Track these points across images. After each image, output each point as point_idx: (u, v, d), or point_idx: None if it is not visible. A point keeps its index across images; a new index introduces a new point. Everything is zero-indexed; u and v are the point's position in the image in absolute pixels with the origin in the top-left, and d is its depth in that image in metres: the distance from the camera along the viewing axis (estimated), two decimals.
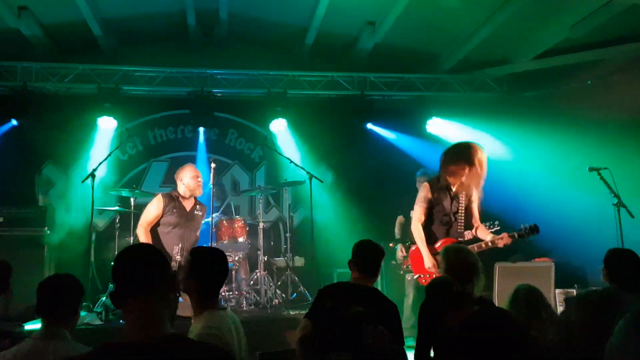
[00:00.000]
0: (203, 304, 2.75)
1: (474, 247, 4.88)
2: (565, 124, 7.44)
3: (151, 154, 8.63)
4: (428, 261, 5.00)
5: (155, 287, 1.77)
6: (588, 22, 6.87)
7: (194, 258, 2.85)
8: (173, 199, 5.69)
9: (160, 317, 1.75)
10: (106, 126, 7.98)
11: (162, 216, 5.61)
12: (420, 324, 3.24)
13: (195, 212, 5.76)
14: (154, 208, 5.69)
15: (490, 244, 4.89)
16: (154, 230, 5.81)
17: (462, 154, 5.01)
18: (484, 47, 7.84)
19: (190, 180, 5.71)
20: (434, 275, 4.95)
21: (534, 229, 4.86)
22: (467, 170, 4.97)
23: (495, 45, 7.92)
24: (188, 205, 5.70)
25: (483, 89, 8.87)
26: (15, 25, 7.13)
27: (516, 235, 4.86)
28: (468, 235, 5.16)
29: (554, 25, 7.19)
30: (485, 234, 5.02)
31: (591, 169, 5.63)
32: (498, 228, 5.08)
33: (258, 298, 6.61)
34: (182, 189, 5.86)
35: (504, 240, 4.85)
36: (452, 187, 5.15)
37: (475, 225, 5.17)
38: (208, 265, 2.80)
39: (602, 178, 5.60)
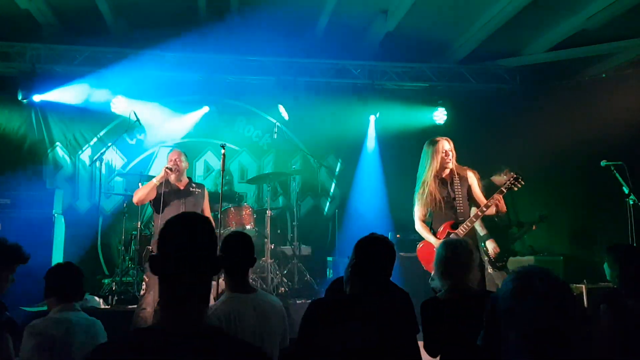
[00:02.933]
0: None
1: (472, 219, 4.86)
2: (578, 117, 7.35)
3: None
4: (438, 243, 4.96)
5: (198, 266, 1.59)
6: (604, 14, 6.77)
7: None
8: (164, 182, 5.65)
9: (201, 303, 1.59)
10: (118, 108, 7.95)
11: (155, 197, 5.56)
12: (424, 324, 3.15)
13: (192, 189, 5.71)
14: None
15: (485, 208, 4.83)
16: (153, 215, 5.76)
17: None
18: (497, 37, 7.74)
19: (167, 164, 5.68)
20: None
21: (518, 177, 4.82)
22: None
23: (508, 36, 7.81)
24: (181, 184, 5.68)
25: (495, 80, 8.77)
26: (25, 7, 7.08)
27: (504, 190, 4.82)
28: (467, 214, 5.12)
29: (570, 16, 7.08)
30: (481, 206, 4.97)
31: (605, 163, 5.54)
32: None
33: (264, 286, 6.59)
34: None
35: (494, 200, 4.80)
36: (442, 175, 5.13)
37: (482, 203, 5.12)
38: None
39: (615, 172, 5.51)
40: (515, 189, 4.85)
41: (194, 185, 5.74)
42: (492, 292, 2.96)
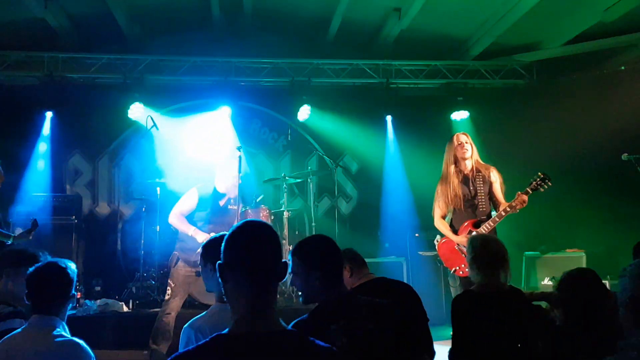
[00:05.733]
0: None
1: (494, 219, 4.80)
2: (598, 111, 7.24)
3: None
4: (461, 239, 4.89)
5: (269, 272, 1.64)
6: (622, 5, 6.66)
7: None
8: (208, 194, 5.53)
9: (273, 307, 1.62)
10: (136, 114, 7.95)
11: (195, 209, 5.48)
12: (455, 318, 3.08)
13: (230, 207, 5.61)
14: (188, 200, 5.51)
15: (508, 208, 4.77)
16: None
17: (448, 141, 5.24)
18: (513, 32, 7.65)
19: (229, 180, 5.53)
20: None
21: (545, 178, 4.72)
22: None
23: (524, 31, 7.72)
24: (222, 200, 5.57)
25: (512, 76, 8.67)
26: (41, 15, 7.17)
27: (529, 190, 4.73)
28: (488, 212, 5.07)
29: (587, 8, 6.98)
30: (505, 206, 4.91)
31: (626, 157, 5.43)
32: None
33: (284, 287, 6.59)
34: (219, 185, 5.67)
35: (518, 199, 4.72)
36: (464, 172, 5.07)
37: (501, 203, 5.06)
38: None
39: (636, 166, 5.40)
40: (542, 190, 4.78)
41: (232, 201, 5.63)
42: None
